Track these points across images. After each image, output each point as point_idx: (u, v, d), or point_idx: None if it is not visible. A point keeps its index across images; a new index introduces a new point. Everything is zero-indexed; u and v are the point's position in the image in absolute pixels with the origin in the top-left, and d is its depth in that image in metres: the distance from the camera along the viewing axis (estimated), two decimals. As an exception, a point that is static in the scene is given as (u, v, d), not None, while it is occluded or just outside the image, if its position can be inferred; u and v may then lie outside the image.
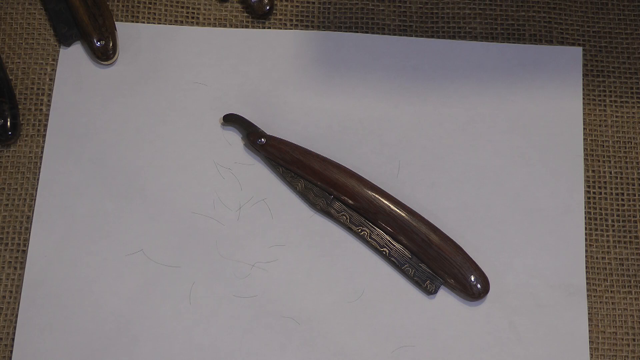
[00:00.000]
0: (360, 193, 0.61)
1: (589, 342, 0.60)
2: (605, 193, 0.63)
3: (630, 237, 0.62)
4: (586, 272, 0.61)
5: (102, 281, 0.60)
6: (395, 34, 0.66)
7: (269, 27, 0.66)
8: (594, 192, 0.63)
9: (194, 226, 0.61)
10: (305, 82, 0.65)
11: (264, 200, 0.62)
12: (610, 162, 0.64)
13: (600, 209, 0.63)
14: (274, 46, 0.66)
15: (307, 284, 0.61)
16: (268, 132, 0.63)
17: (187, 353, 0.59)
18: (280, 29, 0.66)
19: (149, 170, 0.63)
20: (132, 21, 0.66)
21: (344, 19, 0.67)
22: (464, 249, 0.60)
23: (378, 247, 0.61)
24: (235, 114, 0.63)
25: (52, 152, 0.63)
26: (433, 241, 0.60)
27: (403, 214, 0.61)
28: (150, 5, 0.67)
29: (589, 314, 0.60)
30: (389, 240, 0.61)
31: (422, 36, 0.66)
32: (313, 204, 0.62)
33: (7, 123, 0.62)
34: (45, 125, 0.64)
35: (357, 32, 0.66)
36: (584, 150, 0.64)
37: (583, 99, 0.65)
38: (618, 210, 0.63)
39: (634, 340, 0.60)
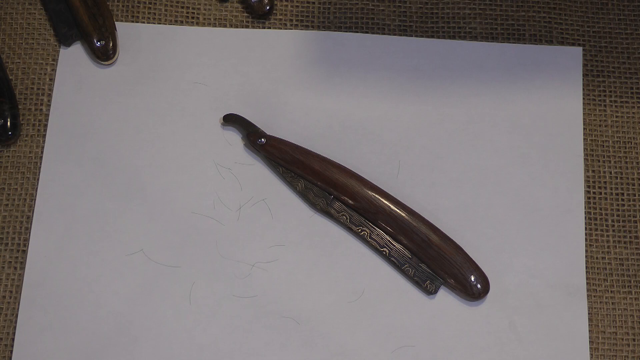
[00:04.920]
0: (360, 193, 0.61)
1: (589, 342, 0.60)
2: (605, 193, 0.63)
3: (630, 237, 0.62)
4: (586, 272, 0.61)
5: (102, 281, 0.60)
6: (395, 34, 0.66)
7: (269, 27, 0.67)
8: (594, 192, 0.63)
9: (194, 226, 0.61)
10: (305, 82, 0.65)
11: (264, 200, 0.62)
12: (610, 162, 0.64)
13: (600, 209, 0.63)
14: (274, 46, 0.66)
15: (307, 284, 0.61)
16: (268, 132, 0.63)
17: (187, 353, 0.59)
18: (280, 29, 0.66)
19: (149, 170, 0.63)
20: (132, 21, 0.66)
21: (344, 19, 0.67)
22: (464, 249, 0.60)
23: (378, 247, 0.61)
24: (235, 114, 0.63)
25: (52, 152, 0.63)
26: (433, 241, 0.60)
27: (403, 214, 0.61)
28: (150, 5, 0.67)
29: (589, 314, 0.60)
30: (389, 240, 0.61)
31: (422, 36, 0.66)
32: (313, 204, 0.62)
33: (7, 123, 0.62)
34: (45, 125, 0.64)
35: (357, 32, 0.66)
36: (584, 150, 0.64)
37: (583, 99, 0.65)
38: (618, 210, 0.63)
39: (634, 340, 0.60)
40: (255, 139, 0.62)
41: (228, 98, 0.65)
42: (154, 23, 0.66)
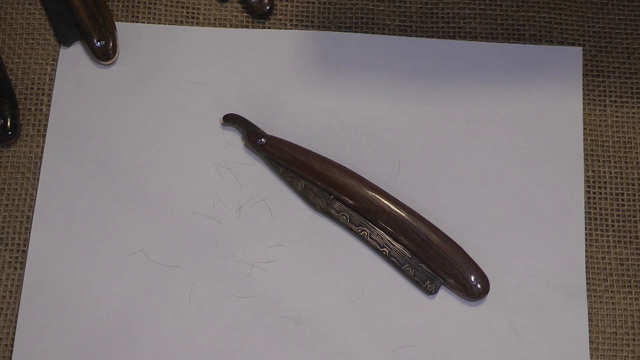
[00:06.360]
0: (360, 193, 0.61)
1: (589, 342, 0.60)
2: (605, 193, 0.63)
3: (630, 237, 0.62)
4: (586, 272, 0.61)
5: (102, 281, 0.60)
6: (395, 34, 0.66)
7: (269, 27, 0.67)
8: (594, 192, 0.63)
9: (194, 226, 0.62)
10: (305, 82, 0.65)
11: (264, 200, 0.62)
12: (610, 162, 0.64)
13: (600, 209, 0.63)
14: (274, 46, 0.66)
15: (307, 284, 0.61)
16: (268, 132, 0.63)
17: (187, 353, 0.59)
18: (280, 29, 0.66)
19: (149, 170, 0.63)
20: (132, 21, 0.66)
21: (344, 19, 0.67)
22: (464, 249, 0.60)
23: (378, 247, 0.61)
24: (235, 114, 0.63)
25: (52, 152, 0.63)
26: (433, 241, 0.60)
27: (403, 214, 0.61)
28: (150, 5, 0.67)
29: (589, 314, 0.60)
30: (389, 240, 0.61)
31: (422, 36, 0.66)
32: (313, 204, 0.62)
33: (7, 123, 0.63)
34: (45, 125, 0.64)
35: (357, 32, 0.66)
36: (584, 150, 0.64)
37: (583, 99, 0.65)
38: (618, 210, 0.63)
39: (634, 340, 0.60)
40: (255, 139, 0.62)
41: (228, 98, 0.65)
42: (154, 23, 0.66)
